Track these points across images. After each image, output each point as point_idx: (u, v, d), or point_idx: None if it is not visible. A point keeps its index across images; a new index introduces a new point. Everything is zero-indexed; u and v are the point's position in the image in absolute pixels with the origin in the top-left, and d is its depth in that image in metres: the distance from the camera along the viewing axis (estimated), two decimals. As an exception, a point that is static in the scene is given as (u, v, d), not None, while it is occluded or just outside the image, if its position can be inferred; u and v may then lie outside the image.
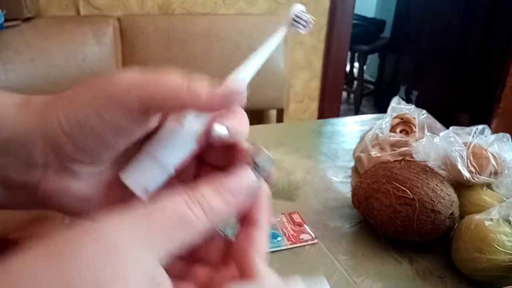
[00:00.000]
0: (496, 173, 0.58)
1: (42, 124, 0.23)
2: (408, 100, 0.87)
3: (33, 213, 0.54)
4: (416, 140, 0.67)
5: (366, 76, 3.19)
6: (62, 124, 0.22)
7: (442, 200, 0.53)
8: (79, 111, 0.22)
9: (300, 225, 0.61)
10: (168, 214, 0.19)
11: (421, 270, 0.55)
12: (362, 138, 0.79)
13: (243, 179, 0.22)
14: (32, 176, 0.23)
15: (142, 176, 0.24)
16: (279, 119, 1.63)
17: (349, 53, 2.47)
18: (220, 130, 0.23)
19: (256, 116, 1.70)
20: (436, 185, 0.54)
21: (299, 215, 0.63)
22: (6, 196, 0.24)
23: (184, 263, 0.24)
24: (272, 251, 0.56)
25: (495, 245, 0.48)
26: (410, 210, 0.53)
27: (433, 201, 0.53)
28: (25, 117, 0.23)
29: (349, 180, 0.76)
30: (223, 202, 0.21)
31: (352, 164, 0.82)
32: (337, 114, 1.86)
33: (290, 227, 0.61)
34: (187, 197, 0.20)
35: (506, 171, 0.59)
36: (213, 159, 0.27)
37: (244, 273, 0.22)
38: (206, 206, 0.20)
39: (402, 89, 2.79)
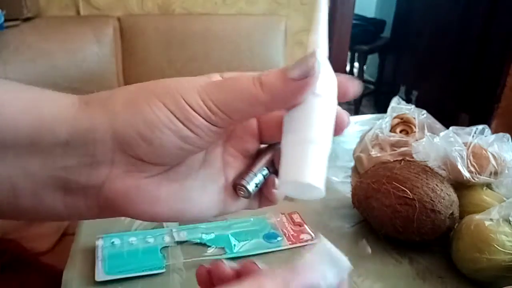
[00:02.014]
0: (496, 173, 0.58)
1: (113, 124, 0.22)
2: (408, 100, 0.87)
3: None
4: (416, 140, 0.67)
5: (366, 76, 3.19)
6: (139, 129, 0.21)
7: (442, 200, 0.53)
8: (151, 112, 0.21)
9: (300, 225, 0.61)
10: None
11: (421, 270, 0.55)
12: (362, 138, 0.79)
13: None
14: (97, 176, 0.22)
15: (315, 168, 0.21)
16: (279, 119, 1.63)
17: (349, 53, 2.47)
18: None
19: (256, 116, 1.70)
20: (436, 185, 0.54)
21: (299, 215, 0.63)
22: (64, 202, 0.23)
23: None
24: (272, 251, 0.56)
25: (495, 245, 0.48)
26: (410, 210, 0.53)
27: (433, 201, 0.53)
28: (88, 114, 0.22)
29: (349, 180, 0.76)
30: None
31: (352, 164, 0.82)
32: (337, 114, 1.86)
33: (290, 227, 0.61)
34: None
35: (506, 171, 0.59)
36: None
37: None
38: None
39: (402, 89, 2.79)
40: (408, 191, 0.54)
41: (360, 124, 1.02)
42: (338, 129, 0.24)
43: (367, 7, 3.28)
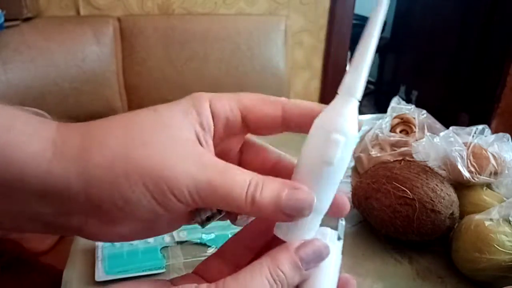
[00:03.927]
0: (496, 173, 0.58)
1: (88, 188, 0.21)
2: (408, 100, 0.87)
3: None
4: (416, 140, 0.67)
5: (366, 76, 3.19)
6: (115, 202, 0.21)
7: (442, 200, 0.53)
8: (129, 190, 0.21)
9: (300, 225, 0.61)
10: None
11: (421, 270, 0.55)
12: (362, 138, 0.79)
13: (319, 248, 0.23)
14: (73, 222, 0.22)
15: (301, 230, 0.23)
16: (279, 119, 1.63)
17: (349, 53, 2.47)
18: None
19: (256, 116, 1.70)
20: (436, 185, 0.54)
21: (299, 215, 0.63)
22: (44, 229, 0.23)
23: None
24: (272, 251, 0.56)
25: (495, 245, 0.48)
26: (410, 210, 0.53)
27: (433, 201, 0.53)
28: (62, 171, 0.20)
29: (349, 180, 0.76)
30: (300, 277, 0.22)
31: (352, 164, 0.82)
32: (337, 114, 1.86)
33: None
34: (271, 278, 0.21)
35: (506, 171, 0.59)
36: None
37: None
38: (286, 286, 0.21)
39: (402, 89, 2.79)
40: (408, 191, 0.53)
41: (360, 124, 1.02)
42: (339, 212, 0.25)
43: (367, 7, 3.28)
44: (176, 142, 0.22)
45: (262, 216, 0.22)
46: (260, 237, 0.26)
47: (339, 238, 0.25)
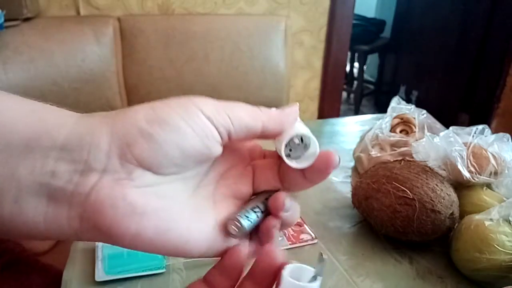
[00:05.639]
0: (496, 173, 0.58)
1: (113, 125, 0.22)
2: (408, 100, 0.87)
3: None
4: (416, 140, 0.67)
5: (366, 76, 3.19)
6: (140, 125, 0.22)
7: (442, 200, 0.53)
8: (163, 112, 0.23)
9: (300, 225, 0.61)
10: None
11: (421, 270, 0.55)
12: (362, 138, 0.79)
13: None
14: (85, 183, 0.22)
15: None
16: (279, 119, 1.62)
17: (349, 53, 2.47)
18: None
19: (256, 116, 1.69)
20: (436, 185, 0.54)
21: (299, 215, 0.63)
22: (45, 214, 0.22)
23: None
24: (272, 251, 0.56)
25: (495, 245, 0.48)
26: (410, 210, 0.53)
27: (433, 201, 0.53)
28: (89, 120, 0.23)
29: (349, 180, 0.76)
30: None
31: (352, 164, 0.82)
32: (337, 114, 1.86)
33: (290, 227, 0.61)
34: None
35: (506, 171, 0.59)
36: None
37: None
38: None
39: (402, 89, 2.79)
40: (408, 191, 0.54)
41: (360, 124, 1.02)
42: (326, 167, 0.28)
43: (367, 7, 3.28)
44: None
45: (270, 117, 0.26)
46: (239, 270, 0.26)
47: (318, 276, 0.24)
